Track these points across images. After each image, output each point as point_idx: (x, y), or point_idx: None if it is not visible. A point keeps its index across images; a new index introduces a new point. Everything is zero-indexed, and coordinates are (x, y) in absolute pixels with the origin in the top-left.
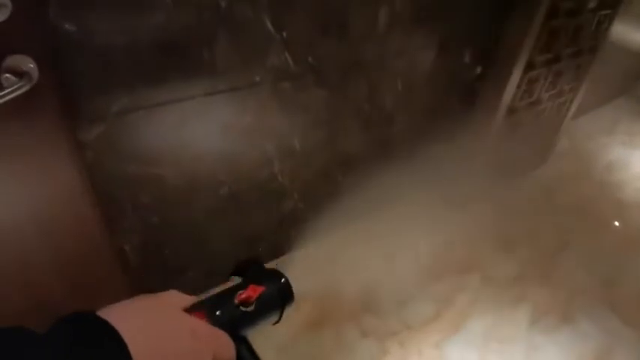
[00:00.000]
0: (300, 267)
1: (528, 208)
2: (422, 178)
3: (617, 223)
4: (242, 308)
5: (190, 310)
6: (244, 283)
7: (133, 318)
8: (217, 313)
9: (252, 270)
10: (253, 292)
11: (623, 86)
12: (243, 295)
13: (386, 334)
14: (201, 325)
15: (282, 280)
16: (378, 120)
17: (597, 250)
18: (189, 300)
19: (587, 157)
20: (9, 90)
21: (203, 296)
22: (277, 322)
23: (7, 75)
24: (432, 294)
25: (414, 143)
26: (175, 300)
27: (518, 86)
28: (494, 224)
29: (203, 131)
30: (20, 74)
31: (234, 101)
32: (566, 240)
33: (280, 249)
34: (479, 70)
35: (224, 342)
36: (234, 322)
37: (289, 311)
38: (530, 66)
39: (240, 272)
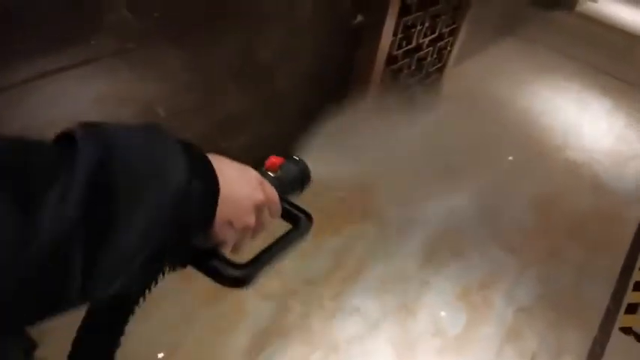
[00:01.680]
0: None
1: (418, 152)
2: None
3: (510, 158)
4: (270, 173)
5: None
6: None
7: (225, 163)
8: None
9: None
10: (276, 159)
11: (510, 26)
12: (268, 162)
13: (287, 294)
14: (265, 182)
15: (300, 162)
16: (256, 76)
17: (483, 182)
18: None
19: (475, 98)
20: None
21: None
22: (300, 192)
23: None
24: (331, 246)
25: (300, 99)
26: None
27: (395, 33)
28: (385, 171)
29: (60, 108)
30: None
31: (82, 74)
32: (457, 179)
33: None
34: (359, 18)
35: (277, 197)
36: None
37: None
38: (405, 11)
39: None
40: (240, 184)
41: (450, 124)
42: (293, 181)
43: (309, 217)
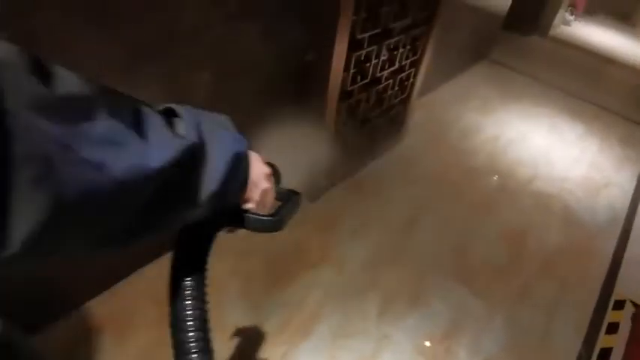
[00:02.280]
0: None
1: (382, 186)
2: None
3: (495, 177)
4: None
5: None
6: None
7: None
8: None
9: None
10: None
11: (481, 51)
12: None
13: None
14: (269, 175)
15: (294, 191)
16: None
17: (449, 218)
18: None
19: (443, 128)
20: None
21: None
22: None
23: None
24: (283, 299)
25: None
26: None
27: (347, 68)
28: (346, 211)
29: None
30: None
31: None
32: (418, 213)
33: None
34: (309, 56)
35: (268, 193)
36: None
37: None
38: (356, 45)
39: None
40: (257, 162)
41: (413, 156)
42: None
43: (296, 192)
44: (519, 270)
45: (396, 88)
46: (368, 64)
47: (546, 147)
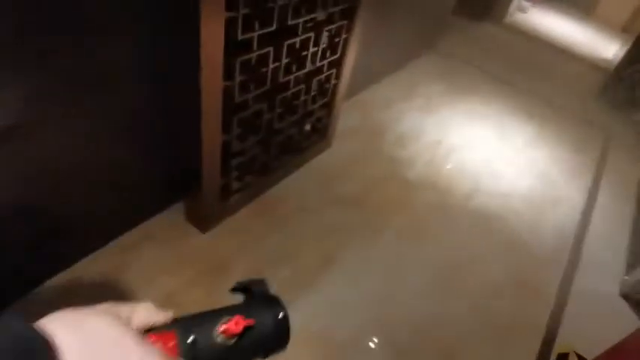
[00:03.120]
0: None
1: (294, 212)
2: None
3: (449, 167)
4: (220, 340)
5: (160, 329)
6: (232, 311)
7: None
8: (190, 338)
9: (252, 292)
10: (236, 326)
11: (425, 41)
12: (225, 325)
13: None
14: (154, 354)
15: (279, 316)
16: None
17: (372, 258)
18: (159, 316)
19: (378, 131)
20: None
21: (180, 314)
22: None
23: None
24: None
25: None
26: (143, 317)
27: (230, 77)
28: (244, 247)
29: None
30: None
31: None
32: (334, 251)
33: None
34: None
35: None
36: (208, 354)
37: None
38: (238, 47)
39: (242, 289)
40: None
41: (338, 170)
42: (255, 348)
43: None
44: (449, 321)
45: (313, 92)
46: (264, 69)
47: (492, 154)
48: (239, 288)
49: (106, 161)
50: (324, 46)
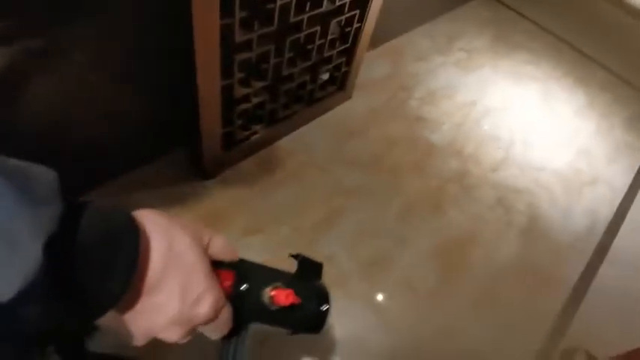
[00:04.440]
0: None
1: (303, 166)
2: None
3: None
4: (266, 301)
5: (224, 265)
6: (287, 283)
7: (165, 236)
8: (244, 286)
9: (307, 272)
10: (286, 299)
11: None
12: (276, 292)
13: None
14: (213, 299)
15: (323, 309)
16: None
17: (378, 220)
18: (230, 252)
19: (406, 86)
20: None
21: (248, 259)
22: (291, 334)
23: None
24: None
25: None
26: (217, 245)
27: (231, 14)
28: (247, 199)
29: None
30: None
31: None
32: (339, 210)
33: None
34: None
35: (222, 320)
36: (249, 307)
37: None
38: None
39: (301, 262)
40: (179, 283)
41: (355, 125)
42: (291, 322)
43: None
44: (447, 299)
45: (332, 35)
46: (271, 5)
47: (530, 121)
48: (297, 258)
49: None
50: None
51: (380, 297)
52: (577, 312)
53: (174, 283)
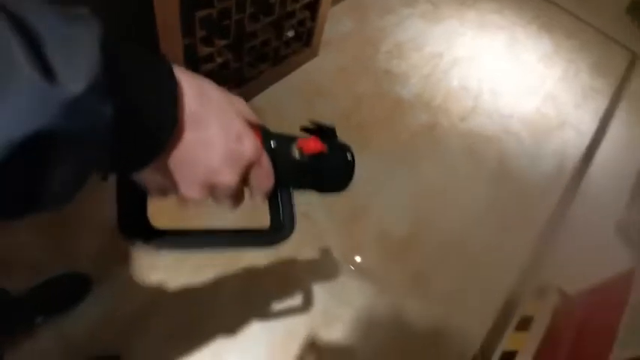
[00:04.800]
0: None
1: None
2: None
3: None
4: (295, 155)
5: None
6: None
7: (199, 87)
8: (271, 143)
9: (324, 132)
10: (315, 145)
11: None
12: (301, 143)
13: None
14: (253, 139)
15: (349, 157)
16: None
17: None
18: (252, 115)
19: (373, 41)
20: None
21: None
22: (322, 191)
23: None
24: None
25: None
26: (240, 106)
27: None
28: None
29: None
30: None
31: None
32: None
33: None
34: None
35: (266, 169)
36: (282, 162)
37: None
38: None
39: (315, 126)
40: (219, 120)
41: (321, 83)
42: (322, 171)
43: (289, 229)
44: (420, 247)
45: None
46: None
47: (498, 70)
48: (311, 128)
49: None
50: None
51: (355, 249)
52: (548, 251)
53: (214, 121)
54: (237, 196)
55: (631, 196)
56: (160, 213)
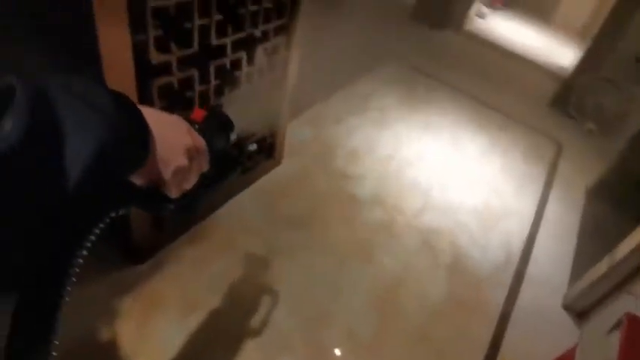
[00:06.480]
0: None
1: (237, 234)
2: None
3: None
4: (195, 125)
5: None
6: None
7: (154, 114)
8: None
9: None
10: (198, 112)
11: (384, 50)
12: (192, 114)
13: None
14: (193, 130)
15: (221, 111)
16: None
17: (317, 275)
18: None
19: (329, 148)
20: None
21: None
22: (226, 143)
23: None
24: None
25: None
26: (182, 123)
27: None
28: (182, 279)
29: None
30: None
31: None
32: (275, 279)
33: None
34: None
35: (204, 146)
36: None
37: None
38: (155, 71)
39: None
40: (170, 129)
41: (286, 188)
42: (217, 133)
43: (237, 163)
44: (389, 343)
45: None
46: (189, 93)
47: (444, 167)
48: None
49: None
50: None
51: (323, 351)
52: (505, 333)
53: (169, 133)
54: (190, 174)
55: (571, 274)
56: None
